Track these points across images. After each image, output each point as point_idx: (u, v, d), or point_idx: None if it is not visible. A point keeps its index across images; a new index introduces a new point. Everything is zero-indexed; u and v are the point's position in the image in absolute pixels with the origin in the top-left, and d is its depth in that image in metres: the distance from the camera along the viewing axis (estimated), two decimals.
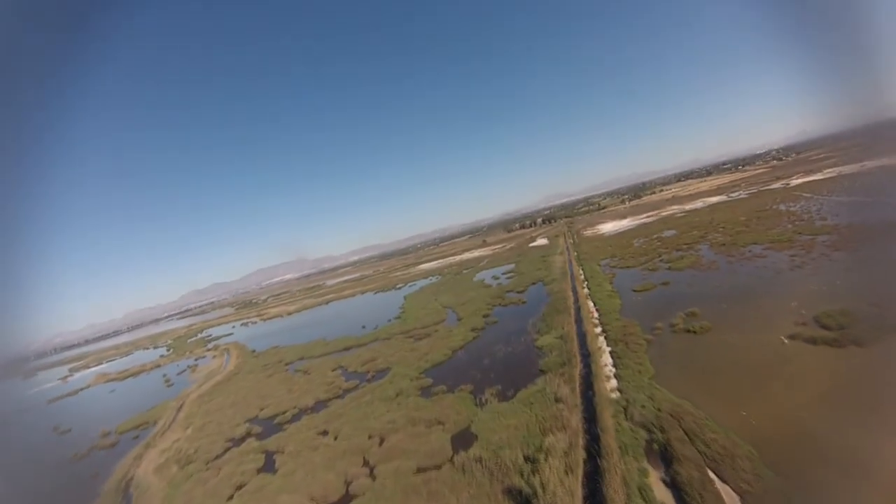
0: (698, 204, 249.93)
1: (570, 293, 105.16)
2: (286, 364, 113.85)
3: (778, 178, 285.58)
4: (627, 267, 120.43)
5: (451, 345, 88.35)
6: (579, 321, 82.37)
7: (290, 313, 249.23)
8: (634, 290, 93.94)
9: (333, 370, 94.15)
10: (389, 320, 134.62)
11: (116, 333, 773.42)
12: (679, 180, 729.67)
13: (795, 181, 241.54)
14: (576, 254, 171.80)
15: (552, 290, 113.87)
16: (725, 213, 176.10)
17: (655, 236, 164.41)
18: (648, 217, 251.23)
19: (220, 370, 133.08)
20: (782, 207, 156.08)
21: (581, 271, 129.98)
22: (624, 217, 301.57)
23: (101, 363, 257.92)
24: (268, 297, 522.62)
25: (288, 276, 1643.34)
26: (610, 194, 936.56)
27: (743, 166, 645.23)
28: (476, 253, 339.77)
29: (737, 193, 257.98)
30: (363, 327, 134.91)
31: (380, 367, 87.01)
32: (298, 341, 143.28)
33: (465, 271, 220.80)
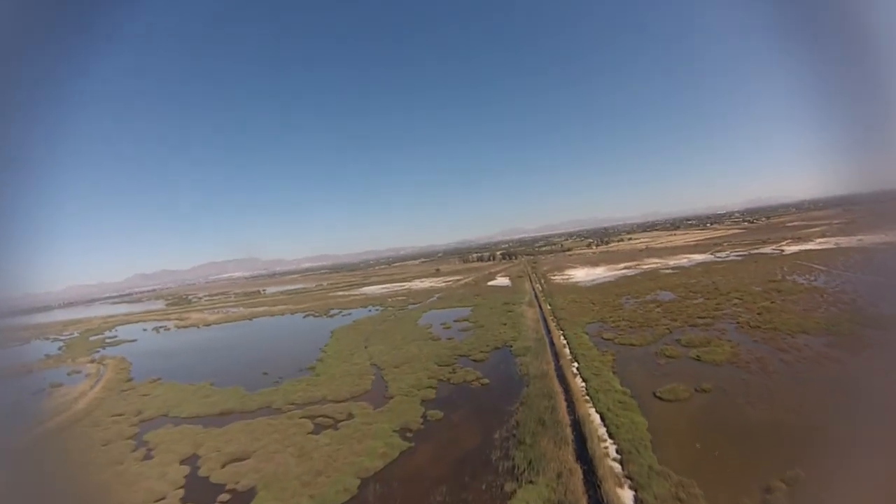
0: (683, 261, 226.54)
1: (556, 384, 70.58)
2: (141, 421, 79.21)
3: (765, 242, 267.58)
4: (630, 344, 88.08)
5: (361, 463, 51.73)
6: (584, 456, 47.94)
7: (208, 324, 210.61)
8: (659, 397, 61.08)
9: (182, 461, 59.41)
10: (300, 370, 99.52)
11: (47, 309, 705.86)
12: (644, 230, 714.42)
13: (789, 248, 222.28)
14: (549, 307, 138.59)
15: (527, 369, 78.60)
16: (728, 278, 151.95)
17: (650, 298, 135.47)
18: (628, 269, 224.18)
19: (69, 405, 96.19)
20: (799, 280, 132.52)
21: (564, 340, 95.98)
22: (597, 265, 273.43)
23: None
24: (203, 297, 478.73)
25: (238, 274, 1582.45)
26: (570, 235, 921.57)
27: (710, 224, 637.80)
28: (427, 283, 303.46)
29: (724, 254, 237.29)
30: (265, 374, 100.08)
31: (242, 481, 51.60)
32: (184, 377, 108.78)
33: (410, 307, 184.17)
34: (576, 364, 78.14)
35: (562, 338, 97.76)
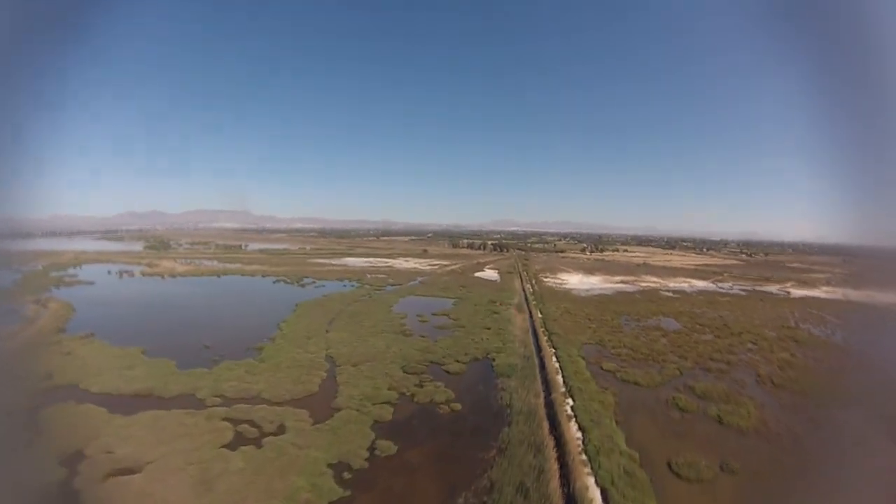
0: (684, 285, 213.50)
1: (546, 430, 55.84)
2: (45, 390, 65.09)
3: (768, 280, 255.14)
4: (634, 383, 74.06)
5: None
6: None
7: (174, 275, 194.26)
8: (676, 472, 47.18)
9: (62, 461, 45.25)
10: (247, 350, 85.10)
11: (28, 236, 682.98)
12: (639, 244, 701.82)
13: (795, 291, 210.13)
14: (540, 315, 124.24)
15: (511, 399, 63.52)
16: (736, 314, 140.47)
17: (652, 323, 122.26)
18: (625, 284, 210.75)
19: None
20: (815, 332, 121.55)
21: (556, 363, 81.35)
22: (592, 273, 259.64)
23: None
24: (184, 243, 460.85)
25: (228, 225, 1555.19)
26: (564, 236, 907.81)
27: (707, 249, 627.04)
28: (412, 263, 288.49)
29: (727, 285, 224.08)
30: (206, 348, 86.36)
31: None
32: (120, 336, 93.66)
33: (388, 288, 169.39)
34: (571, 401, 63.57)
35: (554, 359, 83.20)
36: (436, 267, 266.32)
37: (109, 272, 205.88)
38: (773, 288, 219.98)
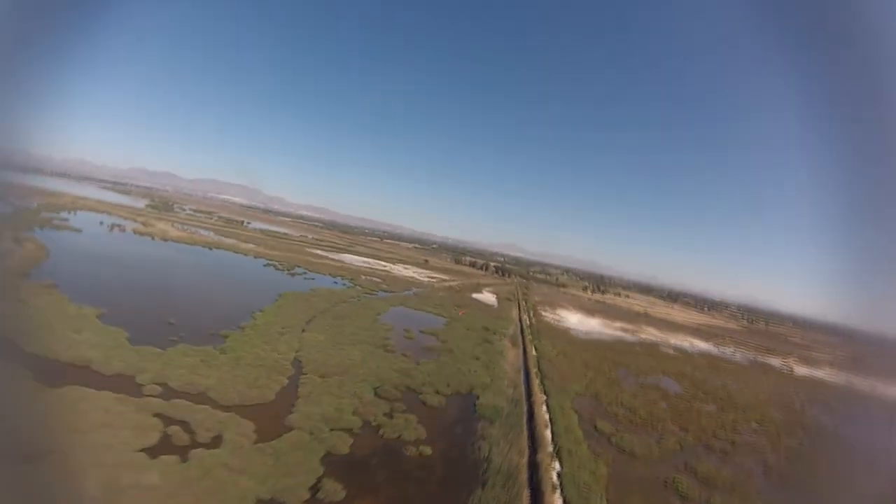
0: (685, 343, 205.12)
1: (525, 491, 47.32)
2: None
3: (770, 352, 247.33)
4: (631, 453, 65.18)
5: None
6: None
7: (165, 238, 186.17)
8: None
9: None
10: (211, 335, 76.69)
11: (37, 172, 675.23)
12: (640, 292, 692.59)
13: (797, 367, 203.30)
14: (535, 352, 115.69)
15: (491, 453, 54.22)
16: (739, 385, 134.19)
17: (652, 381, 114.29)
18: (625, 331, 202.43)
19: None
20: (823, 419, 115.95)
21: (547, 414, 72.44)
22: (592, 313, 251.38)
23: None
24: (188, 209, 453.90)
25: (236, 199, 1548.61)
26: (567, 271, 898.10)
27: (707, 308, 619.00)
28: (411, 271, 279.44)
29: (729, 350, 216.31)
30: (169, 324, 78.29)
31: None
32: (81, 292, 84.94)
33: (381, 293, 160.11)
34: (558, 465, 54.87)
35: (545, 408, 74.40)
36: (434, 280, 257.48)
37: (101, 223, 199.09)
38: (775, 361, 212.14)
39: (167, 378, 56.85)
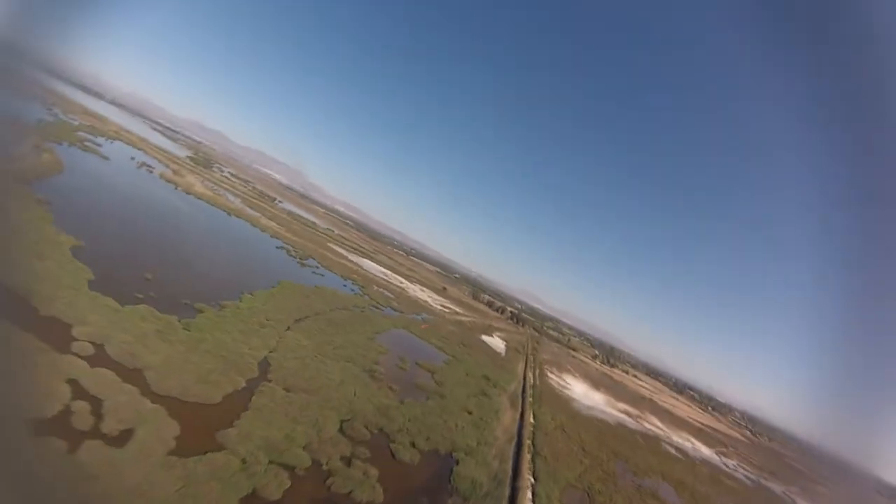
0: (687, 444, 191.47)
1: None
2: None
3: (773, 475, 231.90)
4: None
5: None
6: None
7: (189, 191, 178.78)
8: None
9: None
10: (186, 304, 67.70)
11: (98, 96, 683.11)
12: (648, 374, 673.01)
13: (799, 500, 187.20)
14: (533, 421, 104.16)
15: None
16: None
17: (650, 484, 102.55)
18: (629, 415, 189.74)
19: None
20: None
21: (530, 501, 61.43)
22: (598, 386, 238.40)
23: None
24: (227, 172, 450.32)
25: (278, 177, 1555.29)
26: (579, 335, 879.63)
27: (712, 408, 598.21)
28: (426, 295, 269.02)
29: (732, 464, 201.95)
30: (146, 280, 69.70)
31: None
32: (74, 220, 78.61)
33: (386, 311, 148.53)
34: None
35: (529, 496, 63.20)
36: (446, 310, 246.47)
37: (133, 158, 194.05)
38: (777, 486, 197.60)
39: (107, 340, 48.15)
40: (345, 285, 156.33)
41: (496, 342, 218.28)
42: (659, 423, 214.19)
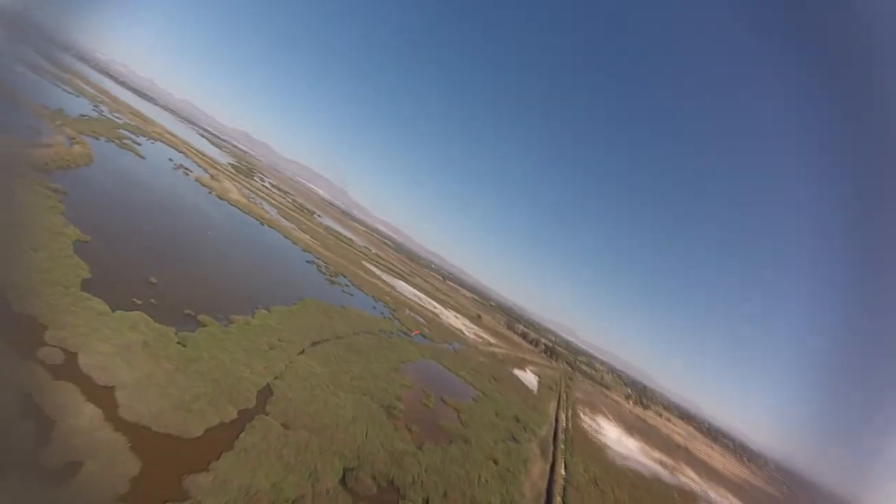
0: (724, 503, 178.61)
1: None
2: None
3: None
4: None
5: None
6: None
7: (224, 198, 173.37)
8: None
9: None
10: (185, 316, 60.83)
11: (149, 99, 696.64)
12: (682, 417, 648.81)
13: None
14: (564, 472, 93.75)
15: None
16: None
17: None
18: (664, 466, 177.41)
19: None
20: None
21: None
22: (632, 432, 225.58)
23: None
24: (268, 182, 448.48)
25: (320, 192, 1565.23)
26: (613, 371, 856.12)
27: (747, 458, 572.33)
28: (459, 322, 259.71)
29: None
30: (150, 283, 63.76)
31: None
32: (85, 216, 72.48)
33: (416, 338, 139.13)
34: None
35: None
36: (479, 339, 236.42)
37: (170, 160, 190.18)
38: None
39: (83, 348, 42.01)
40: (374, 307, 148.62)
41: (529, 377, 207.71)
42: (695, 477, 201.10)
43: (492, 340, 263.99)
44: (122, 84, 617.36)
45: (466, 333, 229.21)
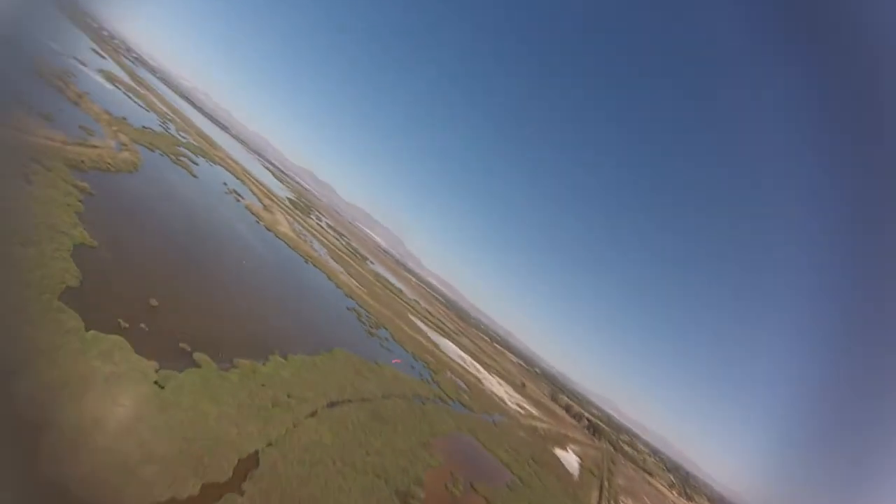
0: None
1: None
2: None
3: None
4: None
5: None
6: None
7: (271, 230, 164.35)
8: None
9: None
10: (180, 353, 51.02)
11: (223, 127, 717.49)
12: None
13: None
14: None
15: None
16: None
17: None
18: None
19: None
20: None
21: None
22: None
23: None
24: (325, 222, 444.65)
25: (377, 239, 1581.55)
26: (654, 453, 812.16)
27: None
28: (502, 390, 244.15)
29: None
30: (151, 305, 54.72)
31: None
32: (106, 227, 64.02)
33: (453, 406, 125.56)
34: None
35: None
36: (521, 410, 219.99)
37: (225, 184, 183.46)
38: None
39: (19, 372, 32.72)
40: (413, 367, 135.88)
41: (570, 458, 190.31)
42: None
43: (534, 412, 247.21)
44: (199, 110, 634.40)
45: (508, 403, 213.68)
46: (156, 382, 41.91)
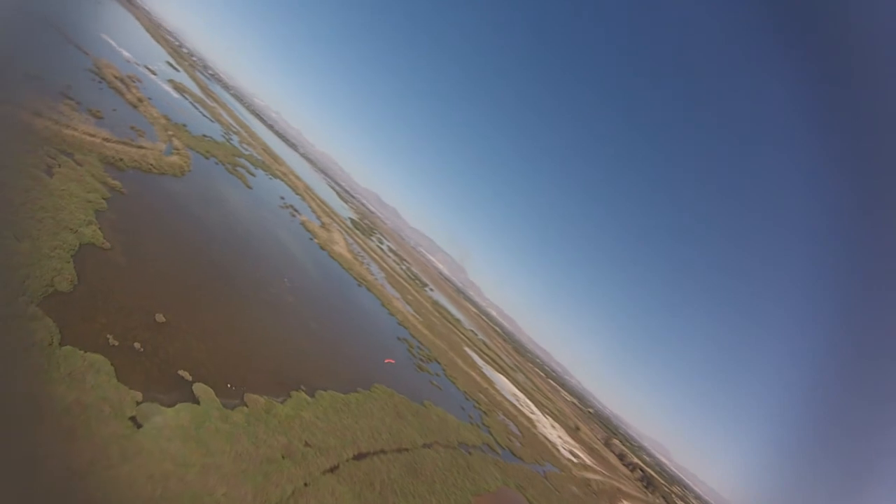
0: None
1: None
2: None
3: None
4: None
5: None
6: None
7: (325, 248, 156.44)
8: None
9: None
10: (182, 385, 42.77)
11: (292, 145, 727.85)
12: None
13: None
14: None
15: None
16: None
17: None
18: None
19: None
20: None
21: None
22: None
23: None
24: (387, 246, 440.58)
25: (439, 266, 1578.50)
26: (689, 493, 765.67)
27: None
28: (556, 434, 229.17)
29: None
30: (156, 321, 47.04)
31: None
32: (130, 235, 56.91)
33: (502, 454, 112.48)
34: None
35: None
36: (573, 458, 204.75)
37: (282, 198, 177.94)
38: None
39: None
40: (463, 408, 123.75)
41: None
42: None
43: (587, 461, 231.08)
44: (269, 126, 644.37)
45: (561, 450, 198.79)
46: (132, 419, 33.56)
